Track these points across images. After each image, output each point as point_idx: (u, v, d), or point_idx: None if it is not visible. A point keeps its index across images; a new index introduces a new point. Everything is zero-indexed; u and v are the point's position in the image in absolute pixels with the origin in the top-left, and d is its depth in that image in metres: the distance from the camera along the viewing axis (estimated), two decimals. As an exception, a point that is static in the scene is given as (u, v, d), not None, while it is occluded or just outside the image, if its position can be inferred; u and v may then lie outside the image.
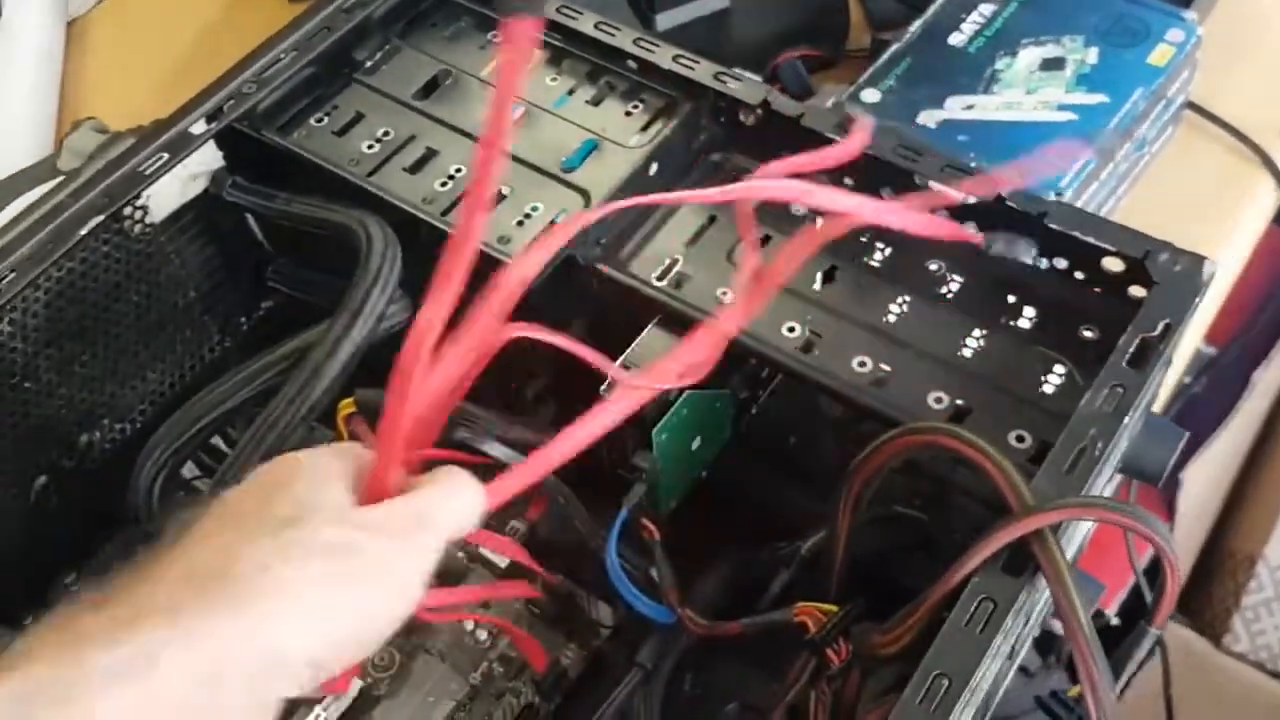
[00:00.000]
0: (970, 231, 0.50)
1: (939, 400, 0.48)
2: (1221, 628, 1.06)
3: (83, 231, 0.51)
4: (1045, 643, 0.91)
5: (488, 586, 0.57)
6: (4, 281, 0.50)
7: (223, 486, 0.45)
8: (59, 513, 0.57)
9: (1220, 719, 1.02)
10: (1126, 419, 0.43)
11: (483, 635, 0.57)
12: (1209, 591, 1.07)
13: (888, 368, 0.49)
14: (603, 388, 0.49)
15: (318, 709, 0.51)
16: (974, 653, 0.38)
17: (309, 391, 0.45)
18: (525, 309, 0.49)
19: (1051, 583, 0.39)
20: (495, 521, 0.60)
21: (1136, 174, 0.72)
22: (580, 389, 0.54)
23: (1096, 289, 0.50)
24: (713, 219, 0.54)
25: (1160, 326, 0.45)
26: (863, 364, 0.49)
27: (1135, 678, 0.98)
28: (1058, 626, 1.00)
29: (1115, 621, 0.88)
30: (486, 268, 0.52)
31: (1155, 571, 1.01)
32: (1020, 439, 0.46)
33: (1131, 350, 0.45)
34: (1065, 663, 0.94)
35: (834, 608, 0.49)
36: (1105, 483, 0.43)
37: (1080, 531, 0.42)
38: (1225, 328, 1.05)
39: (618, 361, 0.51)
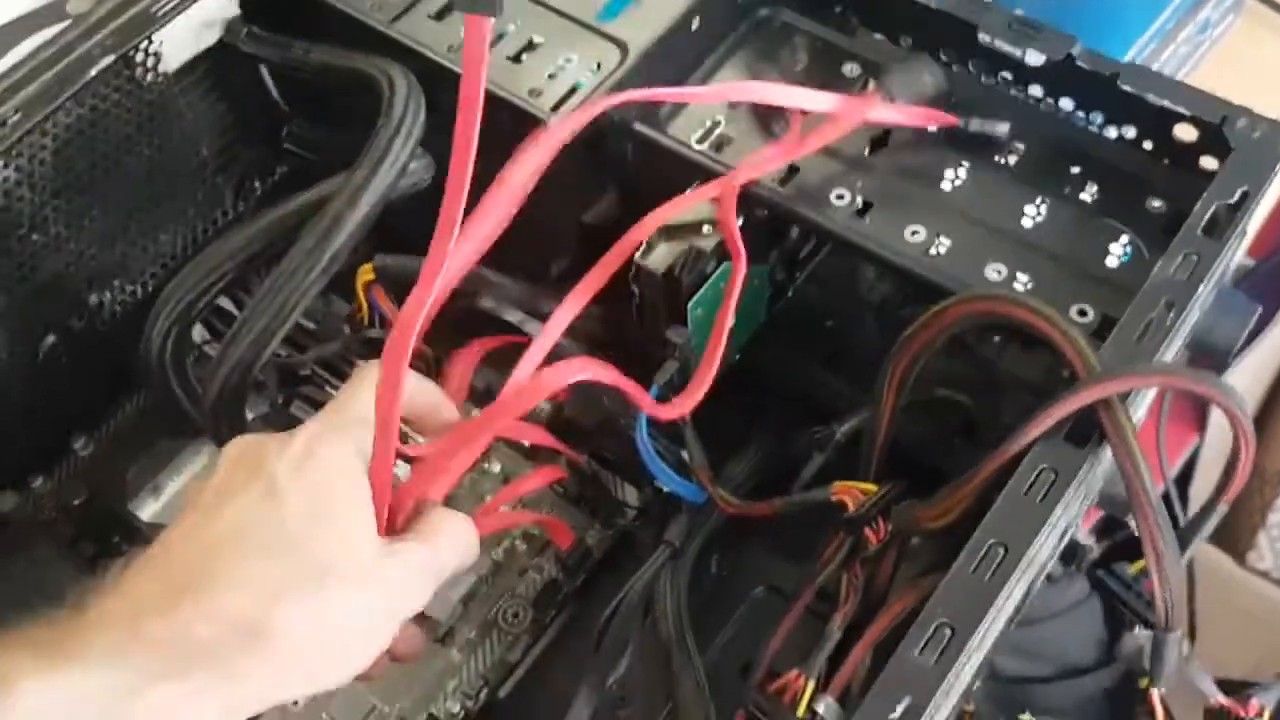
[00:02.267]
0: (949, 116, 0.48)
1: (998, 272, 0.45)
2: (1246, 545, 1.04)
3: (92, 72, 0.49)
4: (1068, 550, 0.90)
5: (515, 485, 0.55)
6: (9, 124, 0.47)
7: (236, 343, 0.43)
8: (68, 374, 0.55)
9: (1243, 635, 1.01)
10: (1201, 288, 0.40)
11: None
12: (1234, 508, 1.05)
13: (943, 238, 0.46)
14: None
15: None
16: (1033, 522, 0.36)
17: (328, 242, 0.42)
18: (555, 175, 0.47)
19: (1119, 452, 0.37)
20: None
21: (1196, 59, 0.68)
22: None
23: (1165, 160, 0.47)
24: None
25: (1238, 194, 0.42)
26: (916, 233, 0.46)
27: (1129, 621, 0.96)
28: (1081, 535, 0.98)
29: (1091, 543, 0.87)
30: (516, 123, 0.50)
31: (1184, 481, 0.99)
32: (1082, 313, 0.44)
33: (1207, 218, 0.42)
34: (1085, 570, 0.93)
35: (873, 487, 0.47)
36: (1173, 356, 0.40)
37: (1144, 405, 0.39)
38: (1268, 238, 1.02)
39: (654, 227, 0.48)
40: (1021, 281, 0.45)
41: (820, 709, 0.46)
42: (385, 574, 0.37)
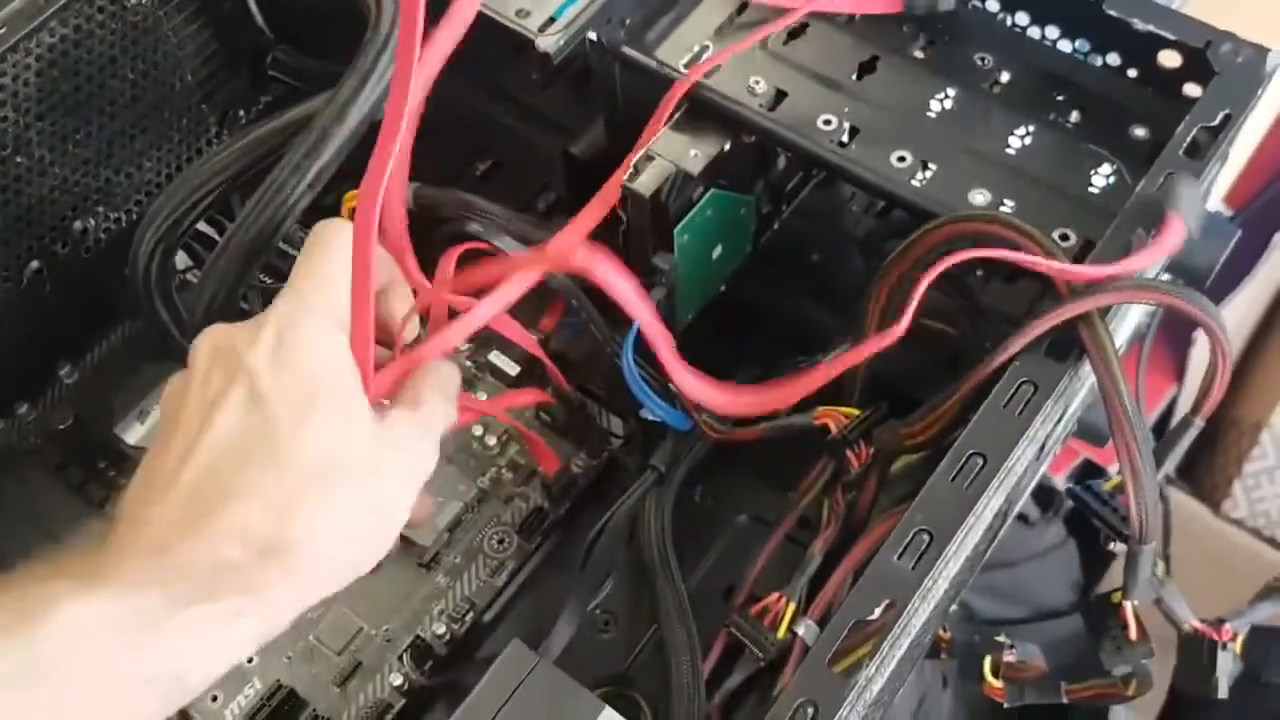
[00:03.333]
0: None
1: (983, 196, 0.45)
2: (1222, 494, 1.05)
3: (75, -11, 0.48)
4: (1045, 496, 0.91)
5: (502, 397, 0.56)
6: (-7, 38, 0.47)
7: (224, 256, 0.43)
8: (53, 302, 0.55)
9: (1215, 581, 1.02)
10: (1182, 208, 0.40)
11: (491, 441, 0.55)
12: (1211, 457, 1.06)
13: (929, 163, 0.46)
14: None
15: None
16: (1012, 433, 0.37)
17: (315, 157, 0.42)
18: (540, 108, 0.47)
19: (1098, 366, 0.37)
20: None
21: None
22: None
23: (1149, 88, 0.47)
24: (745, 5, 0.51)
25: (1220, 117, 0.43)
26: (902, 159, 0.47)
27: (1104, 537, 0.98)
28: (1057, 481, 0.99)
29: (1067, 488, 0.88)
30: (504, 42, 0.49)
31: (1161, 429, 1.00)
32: (1065, 236, 0.44)
33: (1189, 140, 0.42)
34: (1064, 515, 0.94)
35: (856, 411, 0.48)
36: (1153, 275, 0.41)
37: (1127, 324, 0.40)
38: (1245, 190, 1.02)
39: (639, 151, 0.48)
40: (1007, 206, 0.45)
41: (800, 630, 0.47)
42: (387, 457, 0.37)
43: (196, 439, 0.36)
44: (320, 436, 0.35)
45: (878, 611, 0.34)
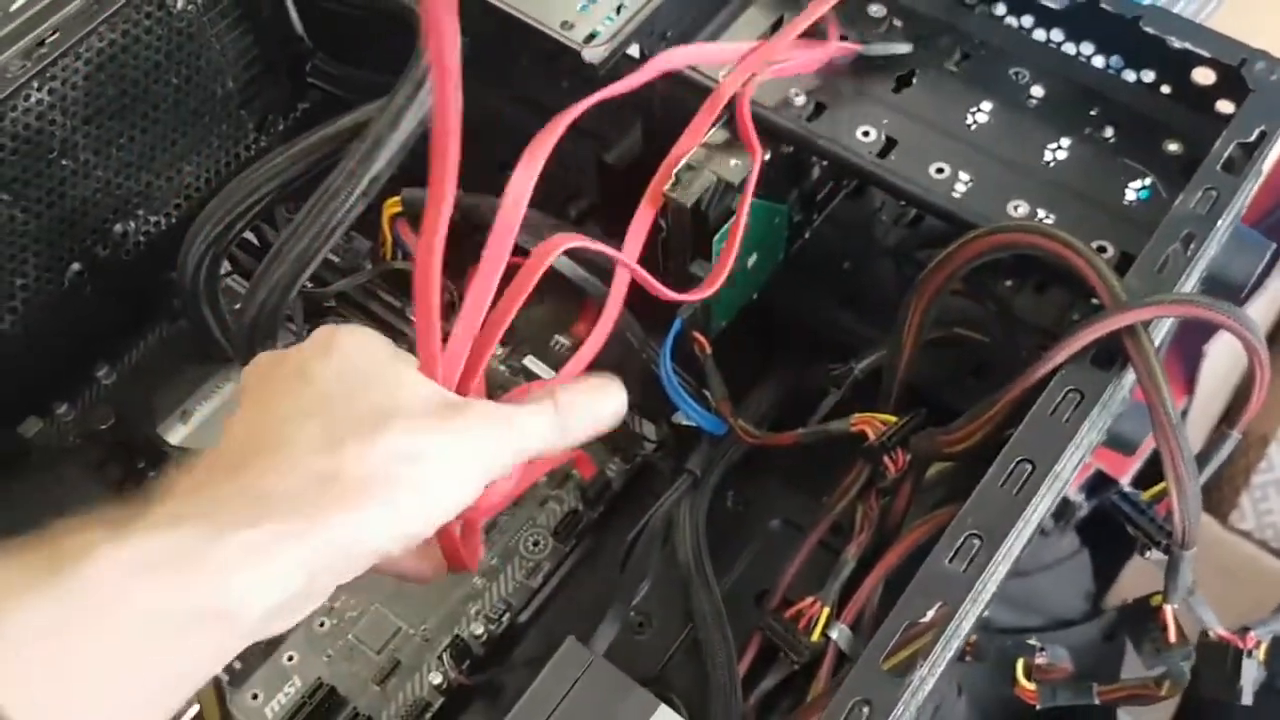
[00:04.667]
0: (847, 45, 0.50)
1: (1017, 208, 0.46)
2: (1229, 506, 1.06)
3: (126, -5, 0.49)
4: (1059, 506, 0.92)
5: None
6: (47, 44, 0.48)
7: (278, 262, 0.44)
8: (92, 304, 0.56)
9: (1222, 592, 1.03)
10: (1220, 221, 0.41)
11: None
12: (1220, 472, 1.07)
13: (966, 175, 0.47)
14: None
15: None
16: (1059, 440, 0.37)
17: (370, 163, 0.43)
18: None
19: (1143, 376, 0.38)
20: (539, 339, 0.60)
21: (1212, 8, 0.70)
22: (623, 211, 0.52)
23: (1182, 104, 0.48)
24: (783, 16, 0.52)
25: (1255, 133, 0.44)
26: (940, 170, 0.47)
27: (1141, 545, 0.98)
28: (1071, 492, 1.00)
29: (1080, 500, 0.89)
30: (540, 53, 0.50)
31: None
32: (1101, 249, 0.45)
33: (1227, 155, 0.43)
34: (1075, 525, 0.94)
35: (893, 418, 0.48)
36: (1191, 288, 0.42)
37: (1163, 334, 0.41)
38: (1258, 207, 1.03)
39: (681, 160, 0.49)
40: (1042, 217, 0.46)
41: (834, 635, 0.48)
42: (454, 414, 0.36)
43: (251, 419, 0.36)
44: (378, 388, 0.35)
45: (930, 613, 0.35)
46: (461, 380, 0.38)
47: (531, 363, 0.58)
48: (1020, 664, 0.47)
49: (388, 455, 0.34)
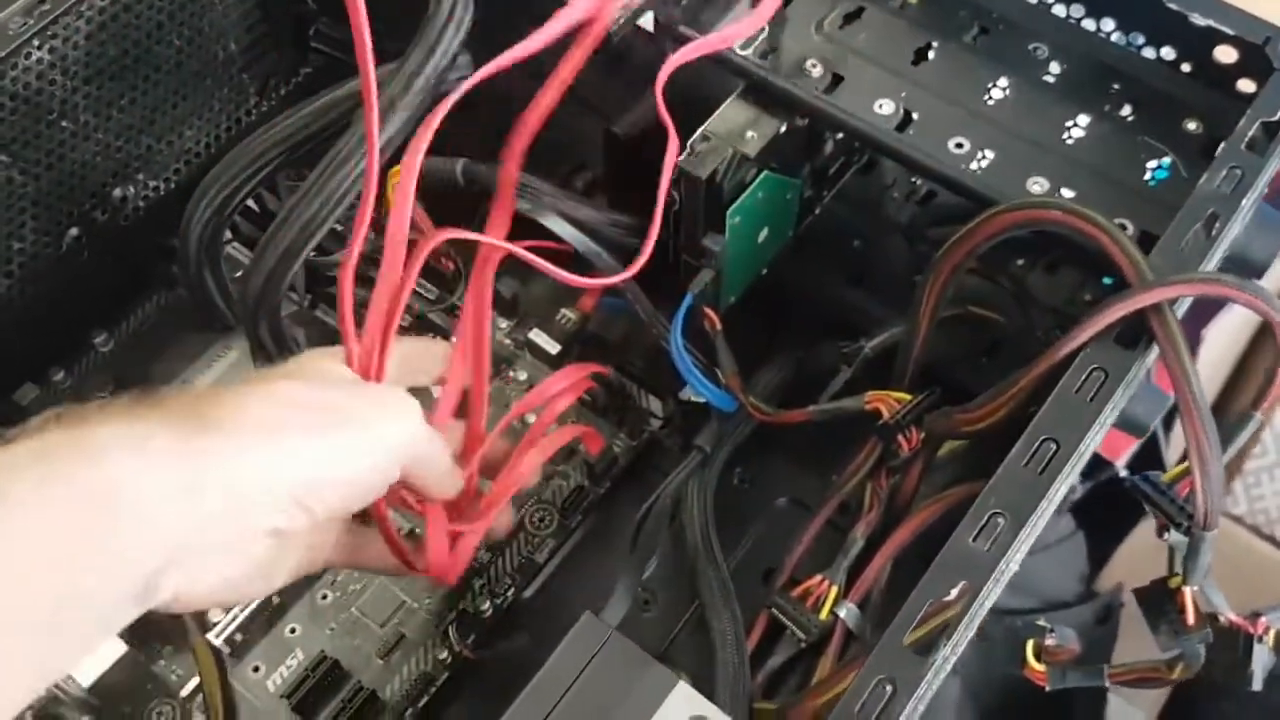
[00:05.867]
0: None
1: (1038, 185, 0.46)
2: (1221, 490, 1.06)
3: (130, -47, 0.48)
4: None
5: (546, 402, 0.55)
6: (49, 2, 0.46)
7: (286, 228, 0.43)
8: (90, 269, 0.55)
9: (1216, 577, 1.04)
10: (1244, 201, 0.41)
11: (531, 419, 0.55)
12: (1239, 449, 1.07)
13: (986, 150, 0.47)
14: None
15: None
16: (1084, 419, 0.37)
17: (381, 128, 0.42)
18: (580, 88, 0.47)
19: (1168, 356, 0.37)
20: (544, 311, 0.59)
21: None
22: (629, 182, 0.51)
23: (1203, 82, 0.48)
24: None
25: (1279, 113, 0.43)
26: (960, 145, 0.47)
27: (1136, 529, 0.99)
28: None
29: (1124, 474, 0.89)
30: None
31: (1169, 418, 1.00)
32: (1122, 226, 0.44)
33: (1250, 135, 0.43)
34: (1070, 508, 0.95)
35: (908, 396, 0.48)
36: (1215, 267, 0.41)
37: (1182, 314, 0.40)
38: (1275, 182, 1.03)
39: (697, 132, 0.48)
40: (1065, 194, 0.45)
41: (841, 613, 0.47)
42: (357, 386, 0.40)
43: None
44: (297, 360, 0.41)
45: (955, 591, 0.34)
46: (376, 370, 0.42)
47: (537, 335, 0.57)
48: (1030, 645, 0.47)
49: (261, 400, 0.36)
